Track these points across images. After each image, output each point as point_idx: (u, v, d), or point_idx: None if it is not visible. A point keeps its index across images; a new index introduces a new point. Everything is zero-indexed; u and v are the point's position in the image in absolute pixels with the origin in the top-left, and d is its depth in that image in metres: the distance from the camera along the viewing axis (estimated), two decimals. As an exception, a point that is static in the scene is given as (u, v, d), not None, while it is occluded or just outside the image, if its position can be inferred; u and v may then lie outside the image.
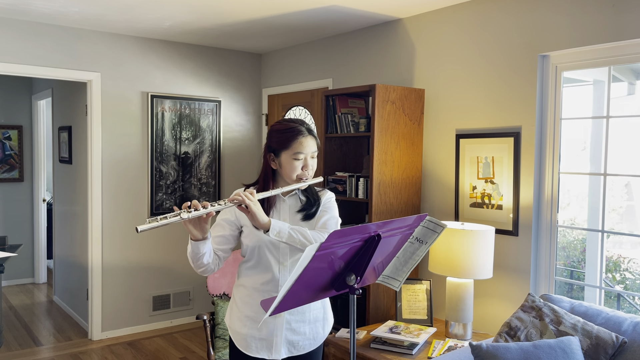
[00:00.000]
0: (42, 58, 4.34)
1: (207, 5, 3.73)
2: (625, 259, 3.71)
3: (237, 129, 5.39)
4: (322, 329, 2.13)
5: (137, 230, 1.63)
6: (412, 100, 3.61)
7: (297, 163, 1.99)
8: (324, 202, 2.10)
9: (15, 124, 6.51)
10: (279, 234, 1.87)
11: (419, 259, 1.84)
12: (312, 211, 2.06)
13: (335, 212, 2.12)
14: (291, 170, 2.00)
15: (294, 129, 2.01)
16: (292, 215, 2.06)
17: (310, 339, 2.08)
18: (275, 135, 2.03)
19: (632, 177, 3.42)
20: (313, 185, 2.10)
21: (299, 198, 2.09)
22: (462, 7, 3.49)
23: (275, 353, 2.03)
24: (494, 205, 3.29)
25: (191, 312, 5.19)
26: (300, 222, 2.05)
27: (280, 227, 1.88)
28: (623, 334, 2.37)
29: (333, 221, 2.07)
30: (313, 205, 2.07)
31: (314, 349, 2.12)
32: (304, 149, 1.99)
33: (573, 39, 2.91)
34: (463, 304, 3.02)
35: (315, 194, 2.11)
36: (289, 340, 2.04)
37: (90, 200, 4.63)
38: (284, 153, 2.00)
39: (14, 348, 4.50)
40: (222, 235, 2.04)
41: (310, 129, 2.05)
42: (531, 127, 3.11)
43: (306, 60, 4.87)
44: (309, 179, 2.03)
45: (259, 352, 2.03)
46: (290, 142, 1.99)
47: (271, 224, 1.86)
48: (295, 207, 2.07)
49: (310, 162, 2.02)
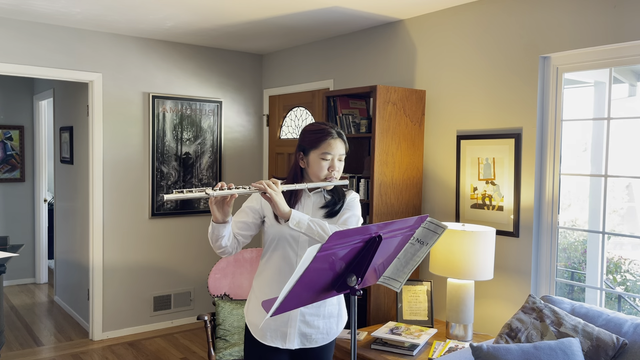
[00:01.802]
0: (44, 58, 4.35)
1: (209, 6, 3.74)
2: (626, 261, 3.71)
3: (238, 130, 5.40)
4: (336, 325, 2.19)
5: (164, 198, 1.74)
6: (413, 101, 3.62)
7: (324, 163, 2.07)
8: (348, 201, 2.17)
9: (17, 124, 6.52)
10: (298, 224, 1.95)
11: (420, 260, 1.84)
12: (335, 209, 2.13)
13: (358, 211, 2.18)
14: (318, 169, 2.08)
15: (324, 130, 2.09)
16: (315, 210, 2.13)
17: (323, 334, 2.15)
18: (307, 134, 2.12)
19: (632, 179, 3.42)
20: (339, 186, 2.17)
21: (324, 196, 2.16)
22: (463, 8, 3.50)
23: (289, 343, 2.11)
24: (495, 207, 3.29)
25: (192, 312, 5.19)
26: (323, 219, 2.12)
27: (300, 218, 1.95)
28: (624, 335, 2.37)
29: (354, 219, 2.14)
30: (337, 203, 2.14)
31: (326, 344, 2.18)
32: (332, 150, 2.07)
33: (574, 41, 2.91)
34: (464, 305, 3.02)
35: (342, 193, 2.18)
36: (302, 332, 2.11)
37: (91, 201, 4.64)
38: (313, 152, 2.08)
39: (15, 348, 4.51)
40: (244, 222, 2.11)
41: (341, 132, 2.13)
42: (532, 128, 3.11)
43: (307, 61, 4.88)
44: (334, 180, 2.10)
45: (274, 341, 2.12)
46: (319, 142, 2.07)
47: (291, 214, 1.94)
48: (319, 203, 2.15)
49: (337, 164, 2.10)
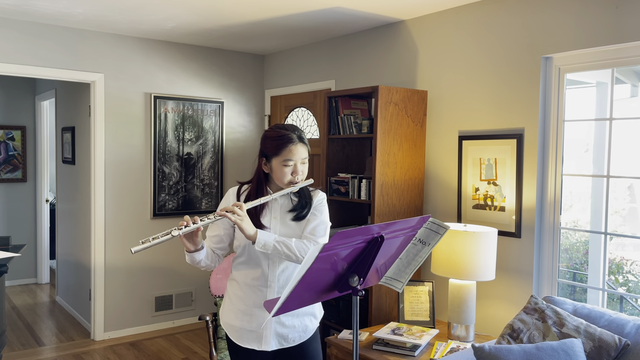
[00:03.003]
0: (46, 59, 4.35)
1: (210, 7, 3.74)
2: (628, 261, 3.71)
3: (240, 130, 5.40)
4: (311, 322, 2.20)
5: (132, 251, 1.79)
6: (414, 101, 3.62)
7: (287, 169, 2.07)
8: (315, 205, 2.17)
9: (19, 124, 6.53)
10: (264, 246, 1.99)
11: (422, 260, 1.84)
12: (303, 213, 2.14)
13: (325, 217, 2.19)
14: (282, 175, 2.08)
15: (284, 136, 2.08)
16: (283, 214, 2.14)
17: (299, 332, 2.17)
18: (267, 141, 2.11)
19: (635, 179, 3.42)
20: (305, 187, 2.17)
21: (291, 198, 2.17)
22: (465, 9, 3.50)
23: (265, 345, 2.12)
24: (497, 207, 3.29)
25: (193, 312, 5.20)
26: (291, 222, 2.13)
27: (265, 240, 1.99)
28: (626, 336, 2.37)
29: (322, 227, 2.15)
30: (305, 207, 2.15)
31: (304, 341, 2.19)
32: (294, 156, 2.07)
33: (576, 41, 2.91)
34: (465, 305, 3.02)
35: (308, 195, 2.18)
36: (278, 333, 2.13)
37: (93, 201, 4.64)
38: (275, 159, 2.08)
39: (16, 348, 4.51)
40: (217, 235, 2.16)
41: (302, 136, 2.11)
42: (534, 128, 3.11)
43: (309, 62, 4.88)
44: (299, 182, 2.10)
45: (250, 343, 2.13)
46: (280, 149, 2.07)
47: (257, 236, 1.97)
48: (286, 206, 2.15)
49: (300, 168, 2.10)
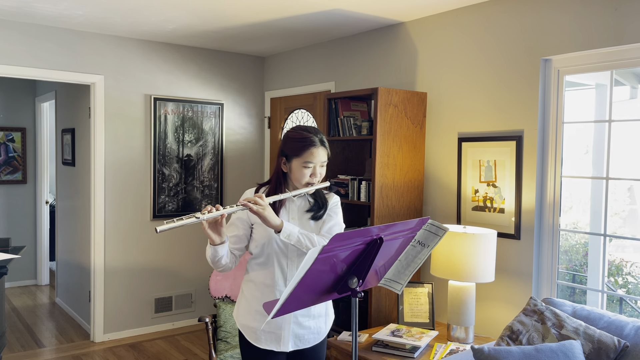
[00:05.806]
0: (46, 61, 4.36)
1: (211, 9, 3.75)
2: (628, 263, 3.71)
3: (240, 132, 5.40)
4: (325, 323, 2.24)
5: (157, 230, 1.77)
6: (414, 103, 3.62)
7: (306, 171, 2.10)
8: (331, 206, 2.22)
9: (19, 126, 6.54)
10: (289, 236, 2.01)
11: (421, 262, 1.84)
12: (320, 214, 2.18)
13: (340, 218, 2.25)
14: (300, 176, 2.11)
15: (307, 139, 2.11)
16: (300, 214, 2.18)
17: (314, 333, 2.20)
18: (289, 142, 2.14)
19: (634, 181, 3.42)
20: (320, 189, 2.21)
21: (308, 200, 2.20)
22: (464, 11, 3.50)
23: (283, 346, 2.14)
24: (496, 209, 3.29)
25: (193, 314, 5.20)
26: (309, 222, 2.17)
27: (290, 231, 2.02)
28: (625, 338, 2.37)
29: (337, 227, 2.21)
30: (321, 208, 2.19)
31: (317, 343, 2.22)
32: (314, 159, 2.10)
33: (575, 43, 2.91)
34: (465, 307, 3.02)
35: (323, 197, 2.23)
36: (295, 333, 2.15)
37: (92, 202, 4.64)
38: (295, 160, 2.11)
39: (16, 350, 4.51)
40: (236, 235, 2.17)
41: (323, 139, 2.15)
42: (533, 130, 3.12)
43: (309, 64, 4.88)
44: (315, 184, 2.14)
45: (268, 344, 2.14)
46: (302, 151, 2.09)
47: (283, 226, 2.00)
48: (304, 207, 2.19)
49: (319, 170, 2.13)
